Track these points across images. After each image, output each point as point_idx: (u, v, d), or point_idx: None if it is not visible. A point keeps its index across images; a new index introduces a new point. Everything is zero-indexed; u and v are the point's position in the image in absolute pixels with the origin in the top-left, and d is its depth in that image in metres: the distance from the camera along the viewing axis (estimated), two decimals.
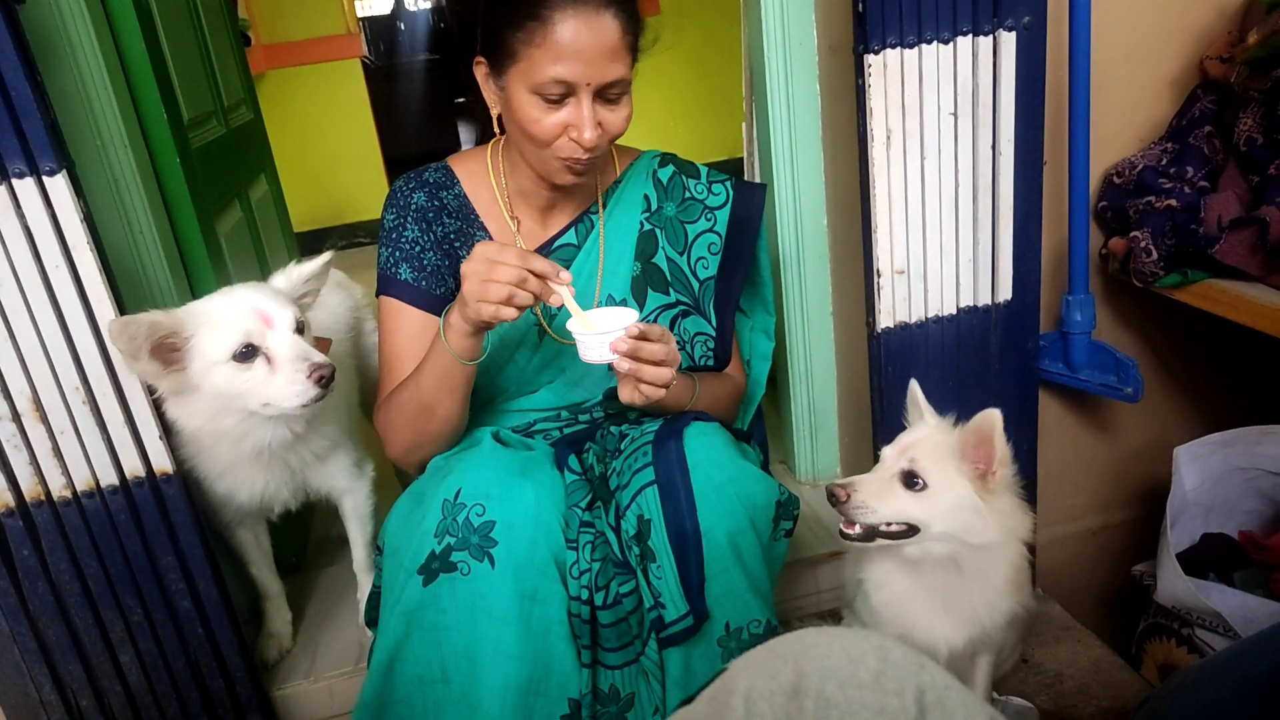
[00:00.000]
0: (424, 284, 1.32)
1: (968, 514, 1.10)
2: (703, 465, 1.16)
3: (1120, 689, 1.49)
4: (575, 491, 1.21)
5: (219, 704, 1.42)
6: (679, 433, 1.18)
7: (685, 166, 1.45)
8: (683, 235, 1.41)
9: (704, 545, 1.14)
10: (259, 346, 1.21)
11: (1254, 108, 1.42)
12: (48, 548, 1.27)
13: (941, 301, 1.45)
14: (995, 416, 1.07)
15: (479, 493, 1.14)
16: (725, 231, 1.41)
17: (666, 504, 1.13)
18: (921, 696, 0.64)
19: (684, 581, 1.13)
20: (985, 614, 1.16)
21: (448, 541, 1.13)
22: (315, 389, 1.21)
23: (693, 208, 1.42)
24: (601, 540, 1.18)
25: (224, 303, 1.24)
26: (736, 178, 1.45)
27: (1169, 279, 1.46)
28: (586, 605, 1.16)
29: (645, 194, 1.41)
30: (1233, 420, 1.61)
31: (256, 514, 1.48)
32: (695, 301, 1.40)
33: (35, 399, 1.21)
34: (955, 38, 1.32)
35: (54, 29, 1.29)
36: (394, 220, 1.34)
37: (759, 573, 1.19)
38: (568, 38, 1.13)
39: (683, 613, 1.13)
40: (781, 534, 1.24)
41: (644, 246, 1.39)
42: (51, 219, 1.15)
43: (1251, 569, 1.56)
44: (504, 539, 1.12)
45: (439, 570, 1.12)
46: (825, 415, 1.91)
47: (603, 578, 1.16)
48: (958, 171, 1.39)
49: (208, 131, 1.84)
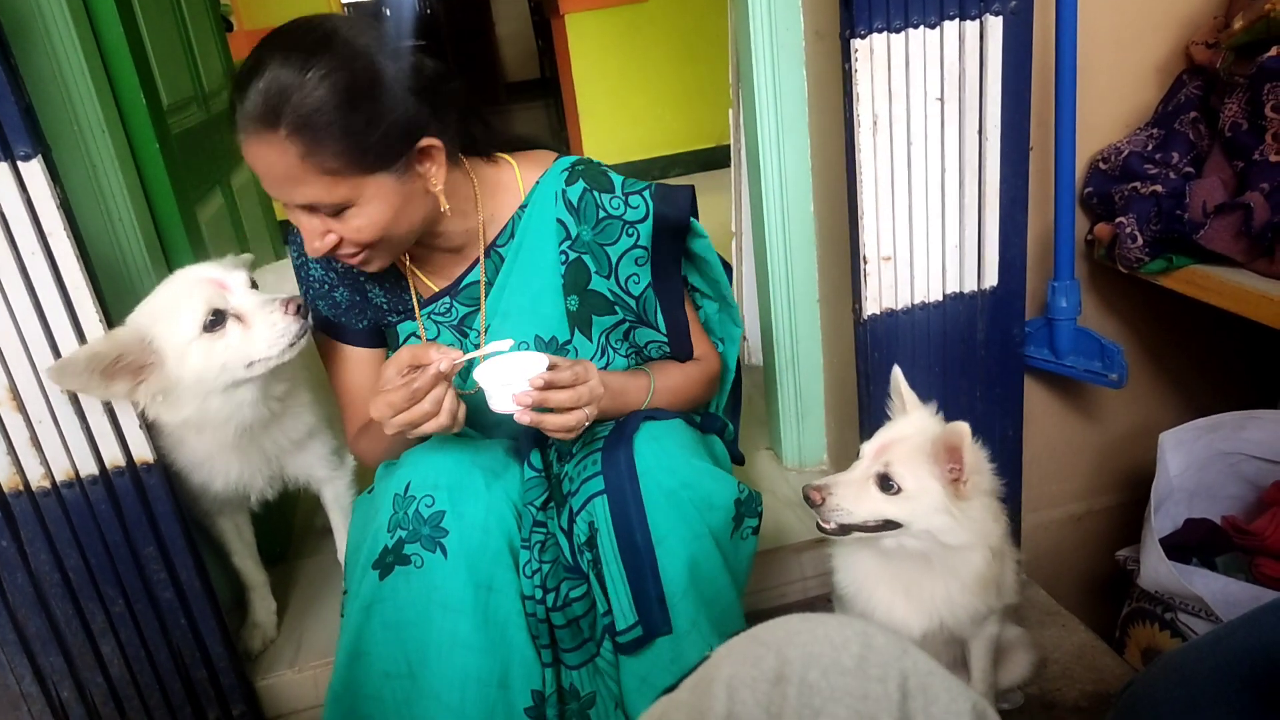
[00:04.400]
0: (344, 320, 1.29)
1: (943, 516, 1.09)
2: (653, 472, 1.12)
3: (1104, 673, 1.50)
4: (532, 489, 1.19)
5: (203, 694, 1.41)
6: (628, 439, 1.14)
7: (597, 179, 1.26)
8: (605, 259, 1.26)
9: (659, 556, 1.11)
10: (224, 310, 1.19)
11: (1239, 93, 1.42)
12: (27, 538, 1.25)
13: (928, 288, 1.45)
14: (963, 430, 1.06)
15: (428, 483, 1.13)
16: (650, 242, 1.27)
17: (616, 514, 1.11)
18: (905, 682, 0.63)
19: (638, 593, 1.11)
20: (945, 609, 1.15)
21: (399, 535, 1.11)
22: (296, 320, 1.20)
23: (611, 227, 1.26)
24: (553, 542, 1.16)
25: (173, 287, 1.22)
26: (656, 183, 1.30)
27: (1154, 265, 1.46)
28: (540, 605, 1.15)
29: (559, 219, 1.26)
30: (1217, 406, 1.61)
31: (235, 502, 1.47)
32: (639, 314, 1.30)
33: (13, 388, 1.19)
34: (942, 22, 1.32)
35: (29, 11, 1.27)
36: (297, 260, 1.29)
37: (722, 576, 1.16)
38: (250, 157, 1.05)
39: (631, 623, 1.11)
40: (747, 531, 1.20)
41: (575, 277, 1.27)
42: (27, 205, 1.13)
43: (1234, 554, 1.57)
44: (455, 528, 1.11)
45: (393, 564, 1.11)
46: (812, 402, 1.91)
47: (553, 579, 1.15)
48: (944, 157, 1.39)
49: (188, 117, 1.82)
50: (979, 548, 1.13)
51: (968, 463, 1.08)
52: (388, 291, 1.29)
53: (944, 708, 0.63)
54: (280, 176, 1.04)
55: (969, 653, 1.27)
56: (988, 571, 1.14)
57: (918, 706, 0.63)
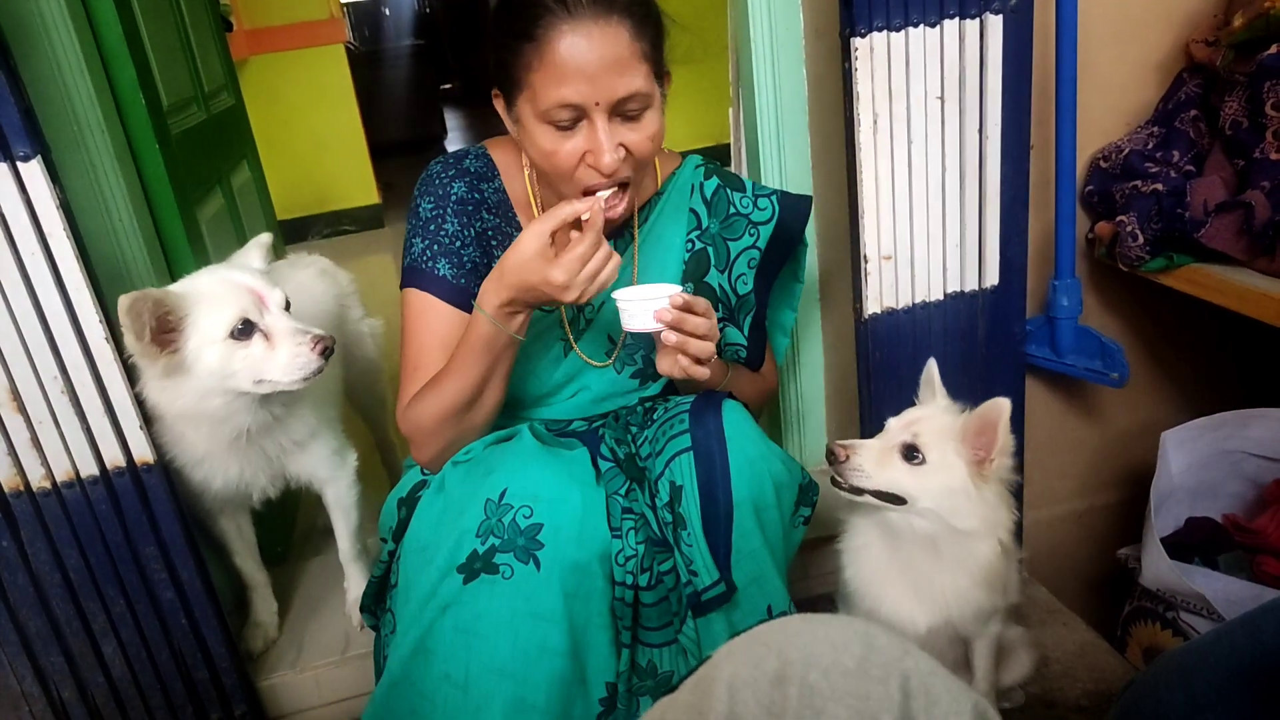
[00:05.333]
0: (463, 281, 1.26)
1: (958, 497, 1.10)
2: (738, 439, 1.14)
3: (1105, 672, 1.50)
4: (613, 479, 1.20)
5: (204, 695, 1.41)
6: (717, 405, 1.17)
7: (729, 179, 1.37)
8: (725, 254, 1.34)
9: (735, 518, 1.13)
10: (256, 324, 1.22)
11: (1239, 91, 1.41)
12: (27, 538, 1.25)
13: (929, 287, 1.45)
14: (1004, 406, 1.08)
15: (526, 494, 1.11)
16: (765, 246, 1.35)
17: (701, 470, 1.12)
18: (906, 683, 0.63)
19: (712, 549, 1.12)
20: (953, 604, 1.16)
21: (492, 542, 1.09)
22: (318, 360, 1.23)
23: (736, 223, 1.34)
24: (643, 523, 1.17)
25: (217, 281, 1.23)
26: (782, 191, 1.38)
27: (1155, 263, 1.46)
28: (630, 589, 1.15)
29: (692, 209, 1.34)
30: (1218, 404, 1.61)
31: (235, 502, 1.47)
32: (733, 314, 1.36)
33: (13, 389, 1.19)
34: (942, 21, 1.32)
35: (28, 12, 1.27)
36: (432, 210, 1.26)
37: (780, 550, 1.19)
38: (566, 56, 1.06)
39: (714, 579, 1.12)
40: (800, 520, 1.23)
41: (696, 266, 1.34)
42: (27, 206, 1.13)
43: (1236, 552, 1.57)
44: (551, 542, 1.10)
45: (480, 570, 1.10)
46: (813, 402, 1.91)
47: (647, 560, 1.15)
48: (944, 156, 1.39)
49: (188, 117, 1.81)
50: (988, 538, 1.13)
51: (1000, 441, 1.09)
52: None
53: (946, 709, 0.63)
54: (611, 62, 1.07)
55: (972, 652, 1.27)
56: (997, 563, 1.15)
57: (919, 707, 0.63)
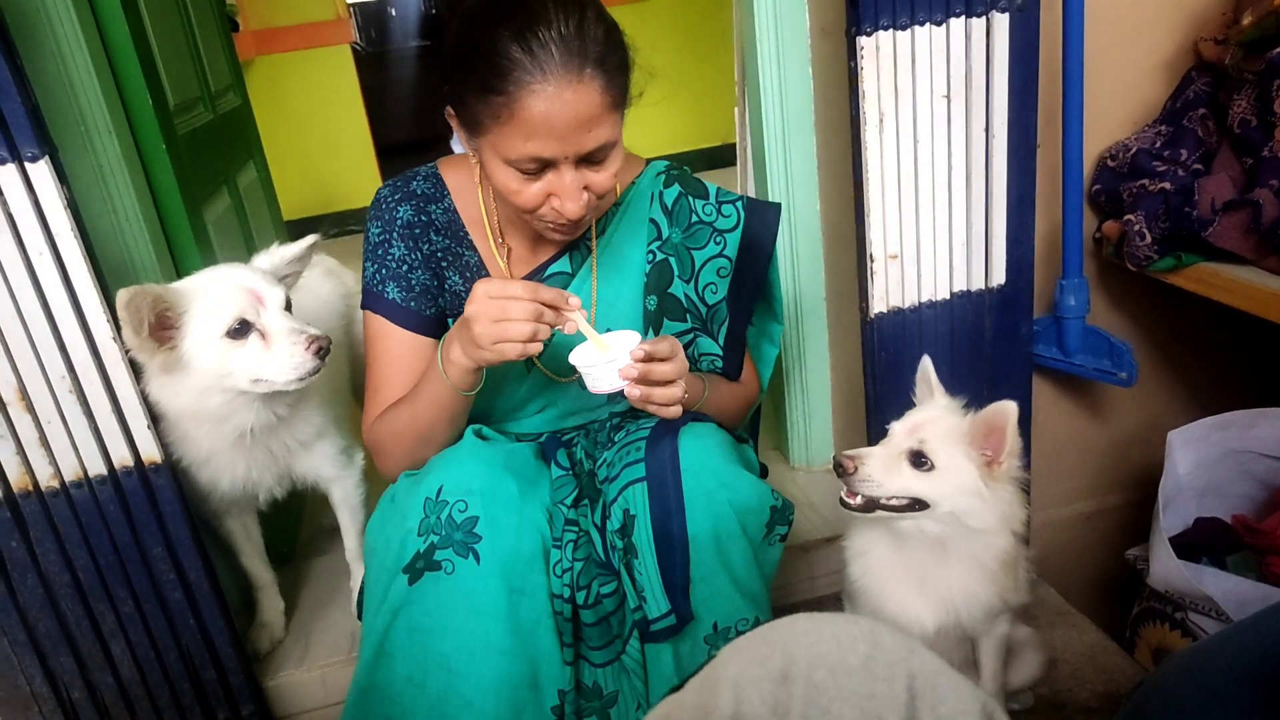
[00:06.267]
0: (413, 304, 1.27)
1: (972, 498, 1.09)
2: (695, 470, 1.12)
3: (1114, 673, 1.49)
4: (561, 487, 1.19)
5: (211, 694, 1.41)
6: (674, 432, 1.15)
7: (692, 185, 1.33)
8: (689, 263, 1.31)
9: (690, 550, 1.11)
10: (252, 323, 1.22)
11: (1248, 90, 1.41)
12: (36, 539, 1.26)
13: (935, 286, 1.45)
14: (1010, 410, 1.06)
15: (461, 489, 1.12)
16: (735, 255, 1.32)
17: (655, 503, 1.11)
18: (912, 682, 0.63)
19: (666, 582, 1.11)
20: (961, 601, 1.15)
21: (431, 539, 1.11)
22: (314, 360, 1.22)
23: (700, 232, 1.31)
24: (585, 539, 1.16)
25: (215, 280, 1.24)
26: (748, 197, 1.35)
27: (1163, 263, 1.45)
28: (568, 604, 1.15)
29: (652, 219, 1.31)
30: (1226, 404, 1.61)
31: (242, 502, 1.47)
32: (704, 324, 1.34)
33: (21, 389, 1.20)
34: (948, 19, 1.31)
35: (34, 12, 1.27)
36: (379, 235, 1.27)
37: (748, 574, 1.16)
38: (537, 115, 1.02)
39: (664, 611, 1.12)
40: (776, 539, 1.21)
41: (659, 278, 1.31)
42: (34, 206, 1.13)
43: (1244, 553, 1.57)
44: (488, 534, 1.11)
45: (423, 569, 1.11)
46: (819, 401, 1.91)
47: (584, 577, 1.15)
48: (951, 155, 1.38)
49: (194, 118, 1.82)
50: (1003, 532, 1.13)
51: (1008, 444, 1.08)
52: (467, 281, 1.30)
53: (952, 708, 0.62)
54: (584, 119, 1.05)
55: (979, 652, 1.26)
56: (1013, 552, 1.14)
57: (925, 706, 0.62)
